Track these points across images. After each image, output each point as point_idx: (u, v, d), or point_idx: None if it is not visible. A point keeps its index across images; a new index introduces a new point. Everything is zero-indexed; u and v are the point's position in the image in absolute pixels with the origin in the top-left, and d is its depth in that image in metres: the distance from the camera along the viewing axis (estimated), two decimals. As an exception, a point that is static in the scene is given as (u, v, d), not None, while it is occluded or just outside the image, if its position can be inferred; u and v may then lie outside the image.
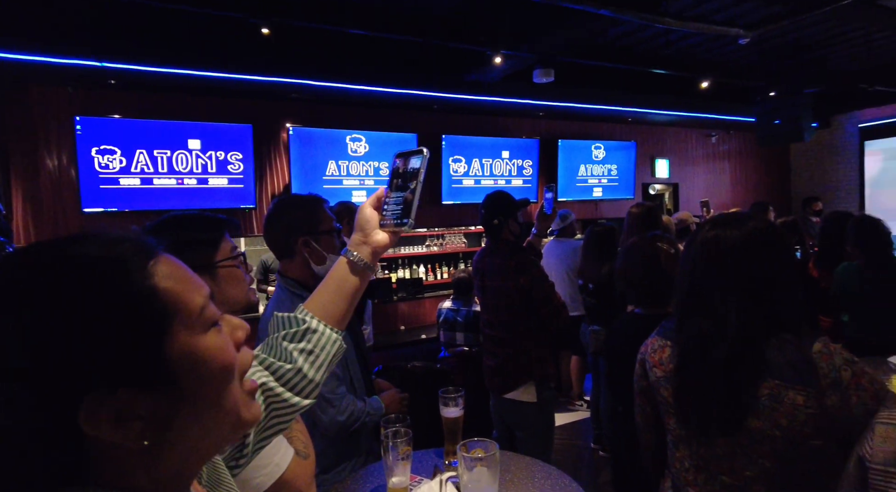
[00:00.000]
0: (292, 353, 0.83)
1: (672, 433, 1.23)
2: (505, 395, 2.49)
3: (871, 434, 0.86)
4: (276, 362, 0.83)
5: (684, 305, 1.19)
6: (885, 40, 5.09)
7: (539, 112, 6.16)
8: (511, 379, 2.47)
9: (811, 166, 8.58)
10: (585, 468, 3.55)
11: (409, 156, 0.88)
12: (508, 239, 2.54)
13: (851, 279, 2.91)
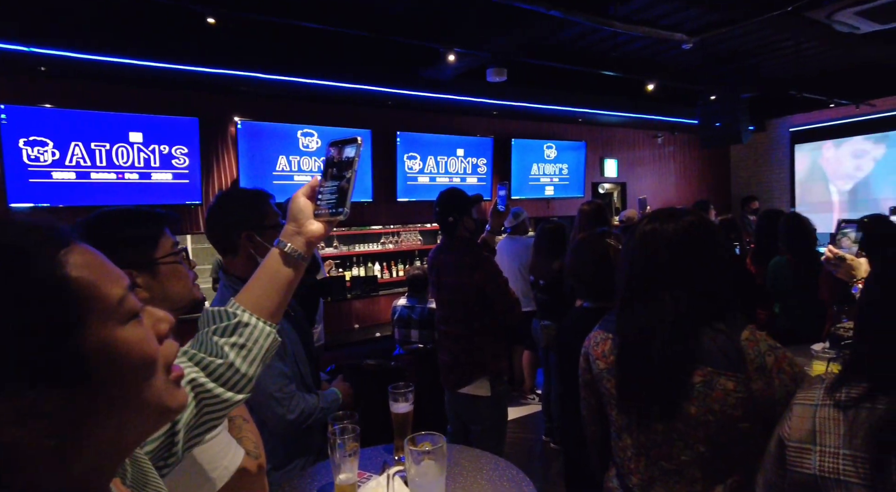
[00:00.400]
0: (223, 347, 0.81)
1: (615, 423, 1.27)
2: (460, 390, 2.52)
3: (789, 414, 0.91)
4: (206, 358, 0.80)
5: (624, 297, 1.23)
6: (812, 51, 5.43)
7: (493, 111, 6.22)
8: (466, 374, 2.49)
9: (749, 167, 9.06)
10: (537, 460, 3.63)
11: (343, 145, 0.87)
12: (464, 236, 2.56)
13: (781, 273, 3.10)
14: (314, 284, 3.73)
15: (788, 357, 1.12)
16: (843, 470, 0.80)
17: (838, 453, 0.81)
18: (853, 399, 0.82)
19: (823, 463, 0.83)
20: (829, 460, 0.82)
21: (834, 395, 0.85)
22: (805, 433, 0.86)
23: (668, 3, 4.04)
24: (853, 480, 0.79)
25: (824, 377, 0.92)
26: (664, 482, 1.16)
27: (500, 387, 2.52)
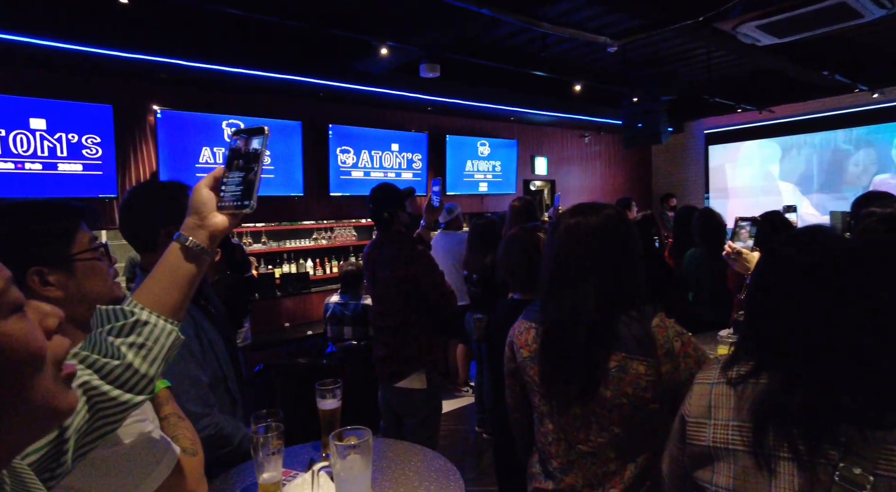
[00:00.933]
0: (120, 348, 0.76)
1: (537, 410, 1.32)
2: (396, 384, 2.53)
3: (690, 393, 0.99)
4: (100, 359, 0.76)
5: (548, 287, 1.28)
6: (721, 59, 5.85)
7: (427, 107, 6.23)
8: (402, 367, 2.51)
9: (668, 166, 9.64)
10: (470, 451, 3.70)
11: (250, 135, 0.85)
12: (399, 230, 2.57)
13: (694, 265, 3.34)
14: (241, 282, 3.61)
15: (693, 342, 1.21)
16: (731, 440, 0.88)
17: (728, 424, 0.89)
18: (742, 376, 0.91)
19: (716, 435, 0.90)
20: (720, 431, 0.90)
21: (727, 373, 0.93)
22: (702, 409, 0.94)
23: (594, 8, 4.21)
24: (739, 447, 0.86)
25: (720, 358, 1.00)
26: (581, 465, 1.22)
27: (435, 379, 2.56)
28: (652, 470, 1.19)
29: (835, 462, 0.77)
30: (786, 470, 0.81)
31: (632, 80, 6.05)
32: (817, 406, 0.80)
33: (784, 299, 0.88)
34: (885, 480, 0.74)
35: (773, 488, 0.81)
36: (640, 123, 6.11)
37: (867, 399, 0.78)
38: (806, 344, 0.84)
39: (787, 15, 3.54)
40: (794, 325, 0.86)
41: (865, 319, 0.82)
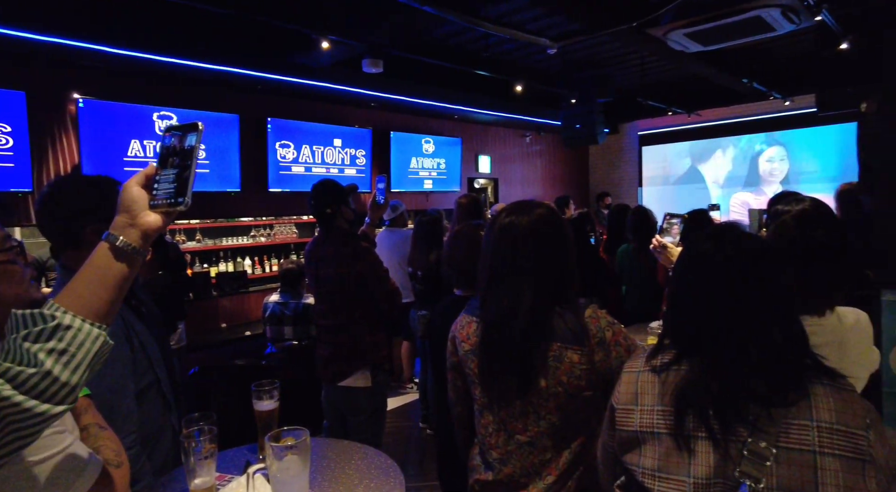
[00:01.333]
0: (37, 354, 0.71)
1: (478, 402, 1.35)
2: (340, 383, 2.50)
3: (618, 382, 1.05)
4: (13, 367, 0.70)
5: (487, 283, 1.31)
6: (654, 64, 6.14)
7: (371, 103, 6.17)
8: (346, 366, 2.48)
9: (604, 166, 10.03)
10: (413, 447, 3.71)
11: (184, 131, 0.83)
12: (342, 227, 2.54)
13: (627, 260, 3.50)
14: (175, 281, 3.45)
15: (624, 332, 1.27)
16: (655, 424, 0.94)
17: (653, 410, 0.95)
18: (665, 364, 0.97)
19: (642, 420, 0.96)
20: (646, 417, 0.96)
21: (651, 362, 1.00)
22: (629, 397, 1.00)
23: (534, 10, 4.31)
24: (662, 431, 0.93)
25: (646, 348, 1.06)
26: (520, 454, 1.26)
27: (380, 377, 2.55)
28: (585, 456, 1.24)
29: (744, 439, 0.85)
30: (703, 449, 0.88)
31: (570, 82, 6.24)
32: (731, 389, 0.87)
33: (700, 291, 0.95)
34: (785, 451, 0.83)
35: (691, 467, 0.88)
36: (578, 123, 6.31)
37: (773, 381, 0.86)
38: (720, 333, 0.90)
39: (711, 25, 3.77)
40: (709, 315, 0.93)
41: (772, 308, 0.90)
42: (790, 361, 0.88)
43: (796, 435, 0.83)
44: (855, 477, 0.80)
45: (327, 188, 2.53)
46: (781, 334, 0.88)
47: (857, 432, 0.82)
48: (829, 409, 0.84)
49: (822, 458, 0.81)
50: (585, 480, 1.24)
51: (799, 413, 0.84)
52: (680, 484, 0.88)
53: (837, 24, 4.20)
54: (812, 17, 3.75)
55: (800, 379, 0.87)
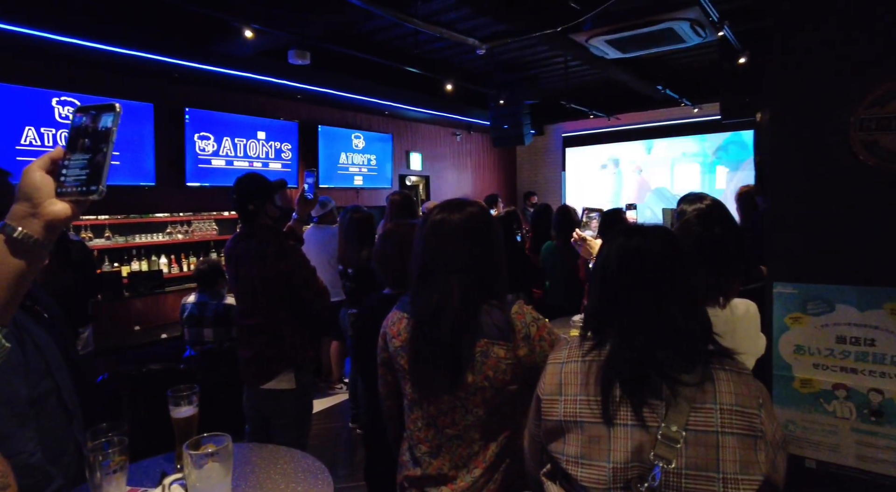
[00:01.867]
0: None
1: (407, 398, 1.36)
2: (263, 385, 2.41)
3: (544, 373, 1.09)
4: None
5: (418, 279, 1.32)
6: (577, 68, 6.41)
7: (298, 95, 5.99)
8: (270, 368, 2.39)
9: (531, 166, 10.34)
10: (343, 448, 3.66)
11: (98, 112, 0.76)
12: (266, 224, 2.44)
13: (550, 257, 3.63)
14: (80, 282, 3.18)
15: (548, 327, 1.32)
16: (579, 412, 0.99)
17: (577, 399, 1.00)
18: (586, 353, 1.03)
19: (566, 409, 1.01)
20: (570, 406, 1.01)
21: (574, 352, 1.05)
22: (554, 387, 1.04)
23: (464, 9, 4.36)
24: (585, 419, 0.98)
25: (569, 340, 1.12)
26: (448, 448, 1.28)
27: (304, 378, 2.48)
28: (511, 448, 1.28)
29: (658, 424, 0.92)
30: (622, 434, 0.95)
31: (499, 82, 6.38)
32: (644, 368, 0.95)
33: (616, 281, 1.02)
34: (693, 433, 0.91)
35: (611, 452, 0.94)
36: (506, 124, 6.47)
37: (678, 359, 0.95)
38: (634, 317, 0.99)
39: (629, 33, 3.99)
40: (624, 301, 1.00)
41: (681, 298, 0.99)
42: (694, 342, 0.97)
43: (703, 418, 0.92)
44: (748, 451, 0.90)
45: (251, 183, 2.43)
46: (684, 318, 0.97)
47: (752, 411, 0.92)
48: (730, 392, 0.93)
49: (723, 437, 0.90)
50: (512, 472, 1.28)
51: (705, 398, 0.93)
52: (600, 469, 0.94)
53: (737, 40, 4.58)
54: (716, 31, 4.07)
55: (705, 361, 0.96)
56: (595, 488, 0.95)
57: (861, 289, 1.39)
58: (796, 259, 1.47)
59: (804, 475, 1.51)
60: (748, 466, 0.89)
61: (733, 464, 0.89)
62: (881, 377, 1.39)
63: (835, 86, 1.37)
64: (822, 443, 1.48)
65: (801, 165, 1.45)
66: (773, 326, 1.52)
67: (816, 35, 1.40)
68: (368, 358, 1.60)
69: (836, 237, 1.41)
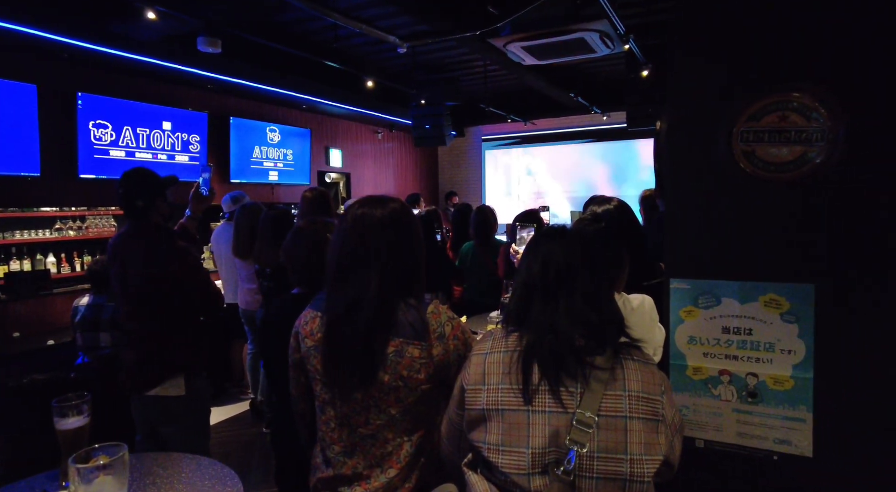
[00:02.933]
0: None
1: (319, 398, 1.33)
2: (148, 392, 2.26)
3: (468, 364, 1.14)
4: None
5: (334, 275, 1.29)
6: (496, 73, 6.58)
7: (208, 84, 5.66)
8: (156, 373, 2.25)
9: (452, 167, 10.48)
10: (257, 454, 3.51)
11: None
12: (157, 221, 2.29)
13: (469, 256, 3.70)
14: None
15: (462, 326, 1.35)
16: (501, 400, 1.04)
17: (499, 387, 1.05)
18: (509, 344, 1.08)
19: (489, 398, 1.05)
20: (493, 394, 1.05)
21: (498, 343, 1.10)
22: (478, 377, 1.09)
23: (385, 7, 4.33)
24: (506, 407, 1.03)
25: (493, 332, 1.16)
26: (362, 447, 1.27)
27: (197, 382, 2.35)
28: (427, 447, 1.29)
29: (573, 410, 0.99)
30: (540, 421, 1.00)
31: (420, 82, 6.40)
32: (561, 351, 1.01)
33: (535, 283, 1.08)
34: (605, 418, 0.98)
35: (529, 437, 1.00)
36: (428, 124, 6.51)
37: (592, 344, 1.03)
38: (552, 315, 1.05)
39: (544, 41, 4.16)
40: (543, 302, 1.06)
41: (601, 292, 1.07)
42: (606, 332, 1.05)
43: (613, 404, 0.99)
44: (652, 434, 0.98)
45: (140, 177, 2.28)
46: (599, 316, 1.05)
47: (656, 397, 1.01)
48: (637, 379, 1.01)
49: (630, 421, 0.98)
50: (428, 471, 1.29)
51: (616, 385, 1.00)
52: (520, 455, 0.99)
53: (641, 54, 4.93)
54: (623, 44, 4.35)
55: (616, 350, 1.04)
56: (515, 474, 0.99)
57: (741, 284, 1.54)
58: (689, 257, 1.61)
59: (694, 455, 1.65)
60: (651, 447, 0.98)
61: (639, 446, 0.97)
62: (756, 362, 1.55)
63: (721, 102, 1.51)
64: (709, 424, 1.63)
65: (693, 173, 1.58)
66: (670, 318, 1.65)
67: (705, 57, 1.54)
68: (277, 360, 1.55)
69: (722, 237, 1.56)
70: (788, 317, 1.50)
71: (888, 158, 1.38)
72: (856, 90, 1.38)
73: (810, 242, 1.46)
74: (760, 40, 1.47)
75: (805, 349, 1.50)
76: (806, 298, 1.48)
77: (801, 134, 1.43)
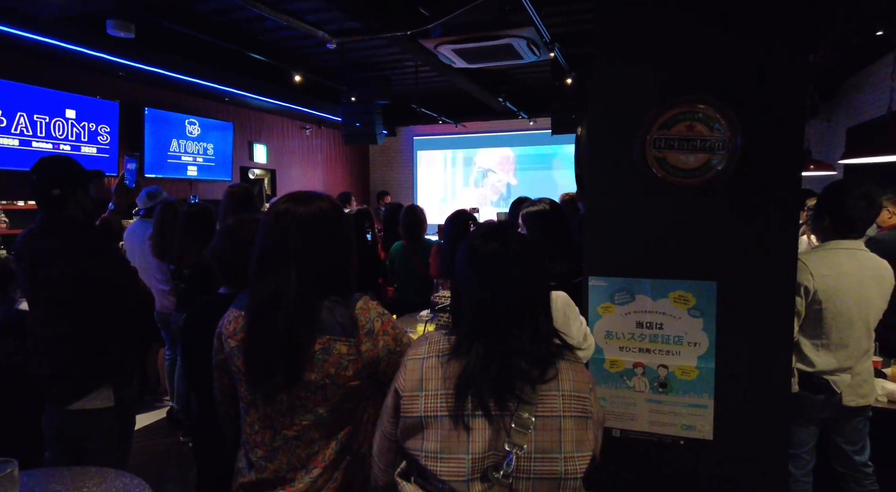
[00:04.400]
0: None
1: (243, 400, 1.28)
2: (71, 405, 2.06)
3: (403, 369, 1.10)
4: None
5: (256, 271, 1.25)
6: (427, 74, 6.62)
7: (120, 71, 5.27)
8: (81, 384, 2.05)
9: (384, 166, 10.42)
10: (175, 464, 3.32)
11: None
12: (76, 216, 2.08)
13: (399, 255, 3.70)
14: None
15: (393, 321, 1.34)
16: (438, 407, 1.02)
17: (437, 394, 1.03)
18: (447, 350, 1.06)
19: (427, 405, 1.03)
20: (430, 401, 1.03)
21: (435, 347, 1.08)
22: (415, 383, 1.06)
23: (314, 0, 4.23)
24: (444, 414, 1.01)
25: (428, 335, 1.14)
26: (286, 450, 1.24)
27: (125, 393, 2.18)
28: (352, 445, 1.28)
29: (512, 412, 0.99)
30: (479, 426, 0.99)
31: (351, 80, 6.31)
32: (507, 371, 1.00)
33: (483, 282, 1.05)
34: (541, 418, 0.99)
35: (469, 444, 0.99)
36: (358, 122, 6.43)
37: (538, 361, 1.02)
38: (499, 319, 1.03)
39: (472, 45, 4.24)
40: (491, 303, 1.04)
41: (540, 297, 1.06)
42: (548, 342, 1.05)
43: (548, 404, 1.00)
44: (582, 431, 1.01)
45: (57, 164, 2.07)
46: (544, 320, 1.05)
47: (585, 395, 1.03)
48: (570, 379, 1.03)
49: (564, 420, 1.00)
50: (352, 470, 1.27)
51: (551, 386, 1.02)
52: (459, 461, 0.98)
53: (566, 62, 5.14)
54: (549, 52, 4.51)
55: (554, 357, 1.04)
56: (454, 481, 0.98)
57: (653, 281, 1.66)
58: (606, 256, 1.70)
59: (611, 444, 1.75)
60: (582, 444, 1.00)
61: (571, 444, 0.99)
62: (667, 355, 1.67)
63: (637, 111, 1.61)
64: (625, 414, 1.74)
65: (610, 177, 1.68)
66: (588, 314, 1.74)
67: (622, 69, 1.64)
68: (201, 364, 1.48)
69: (636, 238, 1.67)
70: (695, 312, 1.63)
71: (771, 168, 1.53)
72: (750, 105, 1.52)
73: (713, 243, 1.60)
74: (672, 55, 1.58)
75: (708, 341, 1.63)
76: (709, 295, 1.61)
77: (705, 143, 1.56)
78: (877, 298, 2.04)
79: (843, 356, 2.02)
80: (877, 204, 2.07)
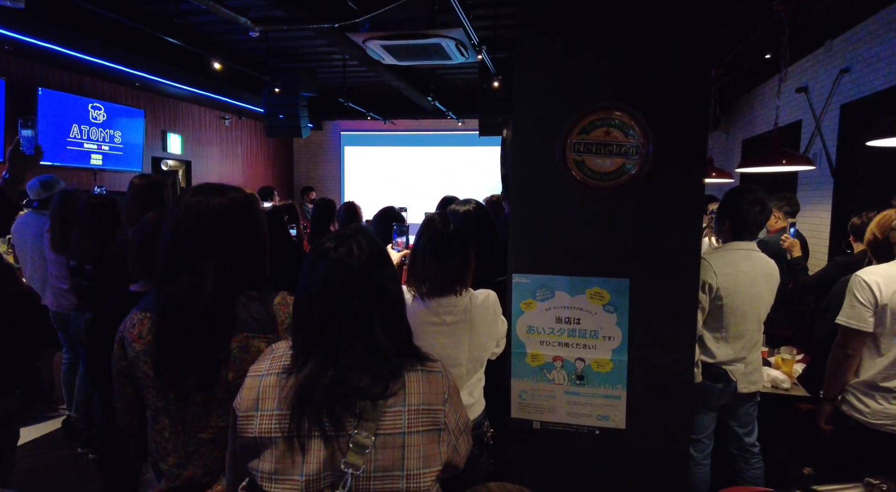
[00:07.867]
0: None
1: (151, 407, 1.20)
2: None
3: (242, 386, 1.00)
4: None
5: (166, 268, 1.17)
6: (356, 69, 6.52)
7: (6, 45, 4.75)
8: None
9: (309, 161, 10.14)
10: (71, 479, 3.04)
11: None
12: None
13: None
14: None
15: None
16: (273, 428, 0.95)
17: (273, 414, 0.96)
18: (287, 367, 0.99)
19: (262, 426, 0.96)
20: (265, 422, 0.96)
21: (276, 364, 1.01)
22: (251, 403, 0.98)
23: (236, -15, 4.04)
24: (279, 435, 0.95)
25: (274, 348, 1.07)
26: (201, 454, 1.17)
27: (7, 403, 1.97)
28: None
29: (351, 432, 0.94)
30: (315, 447, 0.94)
31: (275, 69, 6.08)
32: (341, 386, 0.95)
33: (318, 290, 0.98)
34: (383, 436, 0.94)
35: (304, 464, 0.93)
36: (282, 114, 6.21)
37: (376, 376, 0.96)
38: (334, 330, 0.97)
39: (402, 42, 4.22)
40: (326, 313, 0.97)
41: (379, 304, 1.00)
42: (390, 354, 0.99)
43: (391, 421, 0.94)
44: (432, 446, 0.97)
45: None
46: (382, 327, 0.99)
47: (437, 407, 0.99)
48: (418, 392, 0.98)
49: (409, 437, 0.96)
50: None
51: (395, 401, 0.95)
52: (294, 483, 0.93)
53: (493, 65, 5.25)
54: (476, 54, 4.59)
55: (399, 370, 0.99)
56: None
57: (571, 279, 1.73)
58: (528, 254, 1.76)
59: (531, 436, 1.81)
60: (430, 459, 0.97)
61: (417, 460, 0.95)
62: (584, 348, 1.76)
63: (558, 116, 1.68)
64: (544, 406, 1.80)
65: (533, 178, 1.74)
66: (512, 310, 1.79)
67: (544, 74, 1.70)
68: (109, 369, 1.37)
69: (557, 236, 1.74)
70: (609, 307, 1.73)
71: (678, 173, 1.66)
72: (660, 114, 1.63)
73: (625, 242, 1.69)
74: (592, 63, 1.66)
75: (622, 335, 1.73)
76: (623, 291, 1.71)
77: (620, 148, 1.65)
78: (766, 294, 2.26)
79: (738, 347, 2.22)
80: (768, 209, 2.29)
